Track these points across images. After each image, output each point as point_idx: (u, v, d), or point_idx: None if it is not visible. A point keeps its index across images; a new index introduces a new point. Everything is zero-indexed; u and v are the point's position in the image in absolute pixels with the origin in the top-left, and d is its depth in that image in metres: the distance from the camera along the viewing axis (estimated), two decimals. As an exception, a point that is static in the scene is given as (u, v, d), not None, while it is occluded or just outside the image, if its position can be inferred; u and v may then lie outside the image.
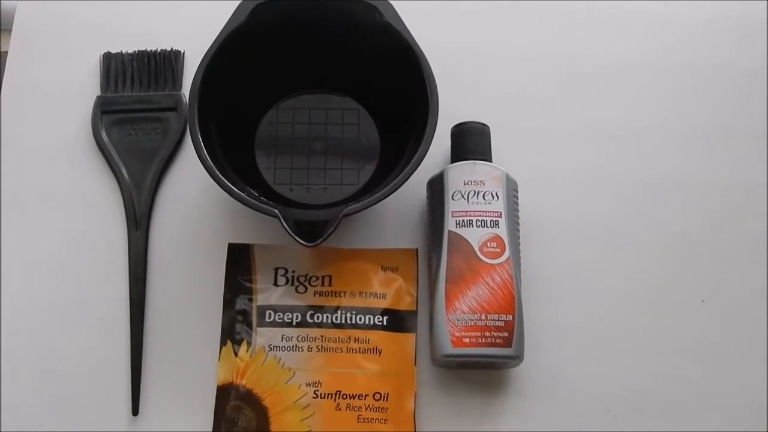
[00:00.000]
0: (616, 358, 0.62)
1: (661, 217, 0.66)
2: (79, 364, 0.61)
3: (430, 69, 0.59)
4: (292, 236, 0.56)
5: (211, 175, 0.56)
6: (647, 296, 0.64)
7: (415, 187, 0.64)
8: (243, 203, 0.57)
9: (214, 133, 0.60)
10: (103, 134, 0.66)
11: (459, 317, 0.59)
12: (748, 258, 0.65)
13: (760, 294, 0.65)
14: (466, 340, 0.59)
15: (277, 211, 0.57)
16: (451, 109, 0.62)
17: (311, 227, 0.58)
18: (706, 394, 0.62)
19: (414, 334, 0.62)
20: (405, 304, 0.63)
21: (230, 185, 0.57)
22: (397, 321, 0.62)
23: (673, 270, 0.65)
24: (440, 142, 0.64)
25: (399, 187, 0.57)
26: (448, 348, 0.59)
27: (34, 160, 0.66)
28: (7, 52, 0.69)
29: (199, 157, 0.57)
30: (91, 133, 0.67)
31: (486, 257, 0.60)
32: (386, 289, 0.63)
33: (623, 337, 0.63)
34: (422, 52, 0.60)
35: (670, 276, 0.65)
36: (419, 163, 0.57)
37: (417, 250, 0.64)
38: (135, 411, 0.60)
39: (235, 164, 0.62)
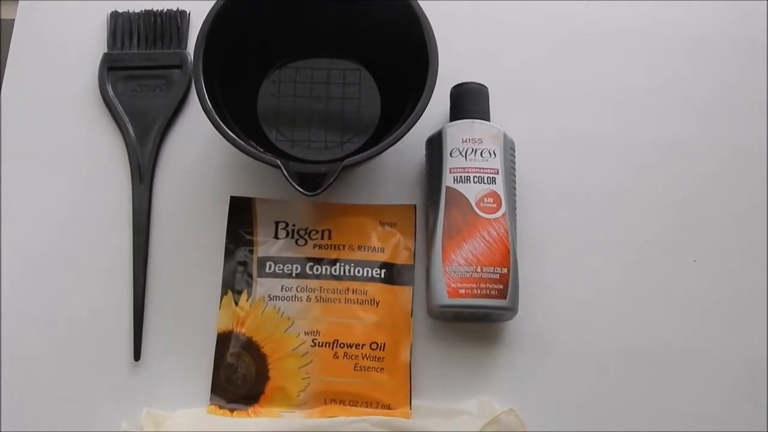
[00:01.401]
0: (609, 315, 0.64)
1: (654, 178, 0.68)
2: (83, 311, 0.63)
3: (430, 26, 0.61)
4: (293, 185, 0.57)
5: (213, 125, 0.58)
6: (640, 255, 0.65)
7: (414, 146, 0.66)
8: (245, 153, 0.58)
9: (217, 90, 0.62)
10: (109, 90, 0.68)
11: (455, 269, 0.60)
12: (739, 219, 0.67)
13: (750, 254, 0.66)
14: (462, 291, 0.60)
15: (278, 161, 0.58)
16: (451, 71, 0.63)
17: (312, 180, 0.59)
18: (696, 350, 0.63)
19: (411, 287, 0.63)
20: (402, 258, 0.64)
21: (232, 135, 0.58)
22: (395, 274, 0.63)
23: (666, 230, 0.66)
24: (440, 104, 0.66)
25: (399, 139, 0.58)
26: (444, 298, 0.60)
27: (42, 115, 0.68)
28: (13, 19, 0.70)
29: (203, 108, 0.58)
30: (98, 89, 0.68)
31: (482, 212, 0.62)
32: (384, 244, 0.64)
33: (616, 294, 0.64)
34: (422, 11, 0.61)
35: (663, 236, 0.66)
36: (420, 116, 0.58)
37: (415, 206, 0.65)
38: (137, 356, 0.61)
39: (237, 121, 0.63)
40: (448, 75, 0.63)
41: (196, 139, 0.67)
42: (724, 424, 0.62)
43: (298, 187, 0.58)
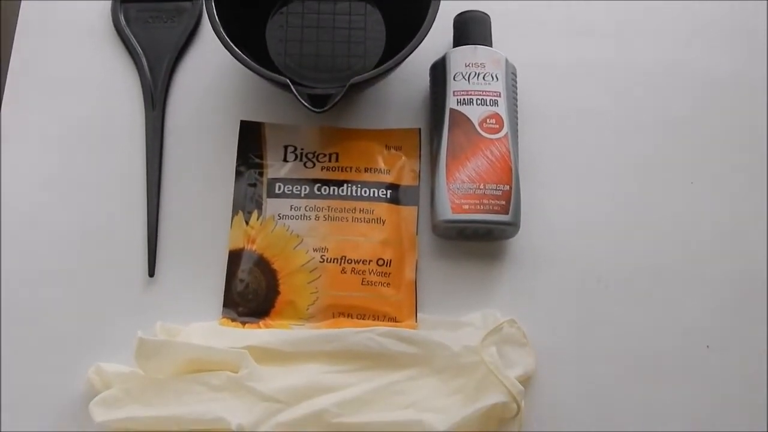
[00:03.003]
0: (608, 233, 0.65)
1: (653, 101, 0.69)
2: (99, 230, 0.65)
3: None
4: (301, 101, 0.59)
5: (224, 45, 0.60)
6: (639, 176, 0.67)
7: (418, 74, 0.68)
8: (254, 72, 0.61)
9: (227, 21, 0.63)
10: (122, 21, 0.69)
11: (459, 186, 0.62)
12: (737, 140, 0.68)
13: (746, 175, 0.67)
14: (466, 207, 0.62)
15: (287, 79, 0.60)
16: (454, 4, 0.67)
17: (320, 101, 0.61)
18: (692, 266, 0.65)
19: (416, 207, 0.65)
20: (408, 179, 0.66)
21: (242, 55, 0.60)
22: (400, 195, 0.65)
23: (665, 151, 0.68)
24: (444, 34, 0.67)
25: (406, 57, 0.60)
26: (448, 214, 0.62)
27: (57, 45, 0.70)
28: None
29: (214, 30, 0.61)
30: (111, 19, 0.69)
31: (485, 132, 0.64)
32: (390, 166, 0.66)
33: (615, 214, 0.66)
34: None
35: (662, 157, 0.68)
36: (427, 31, 0.60)
37: (420, 129, 0.67)
38: (151, 273, 0.63)
39: (247, 50, 0.64)
40: (451, 7, 0.66)
41: (206, 67, 0.69)
42: (720, 337, 0.63)
43: (306, 104, 0.59)
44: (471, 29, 0.68)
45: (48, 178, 0.66)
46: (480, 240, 0.64)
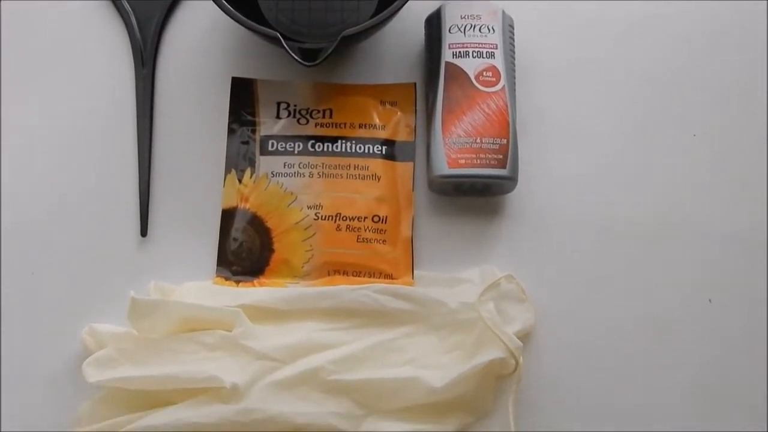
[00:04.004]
0: (608, 189, 0.64)
1: (654, 54, 0.68)
2: (91, 190, 0.64)
3: None
4: (291, 55, 0.58)
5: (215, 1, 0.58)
6: (639, 130, 0.66)
7: (413, 26, 0.66)
8: (245, 26, 0.59)
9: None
10: (110, -23, 0.68)
11: (455, 140, 0.61)
12: (739, 94, 0.67)
13: (750, 127, 0.66)
14: (462, 161, 0.61)
15: (278, 33, 0.59)
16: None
17: (311, 54, 0.59)
18: (694, 222, 0.64)
19: (412, 163, 0.64)
20: (403, 135, 0.65)
21: (232, 9, 0.59)
22: (396, 150, 0.64)
23: (666, 105, 0.67)
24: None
25: (398, 9, 0.59)
26: (444, 168, 0.61)
27: (44, 2, 0.68)
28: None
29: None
30: (98, -24, 0.68)
31: (482, 85, 0.62)
32: (385, 122, 0.65)
33: (615, 169, 0.65)
34: None
35: (663, 111, 0.66)
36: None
37: (415, 84, 0.66)
38: (143, 232, 0.62)
39: (237, 3, 0.63)
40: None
41: (197, 24, 0.68)
42: (722, 291, 0.62)
43: (297, 58, 0.58)
44: (466, -19, 0.66)
45: (37, 139, 0.65)
46: (477, 195, 0.63)
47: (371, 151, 0.63)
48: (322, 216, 0.62)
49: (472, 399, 0.57)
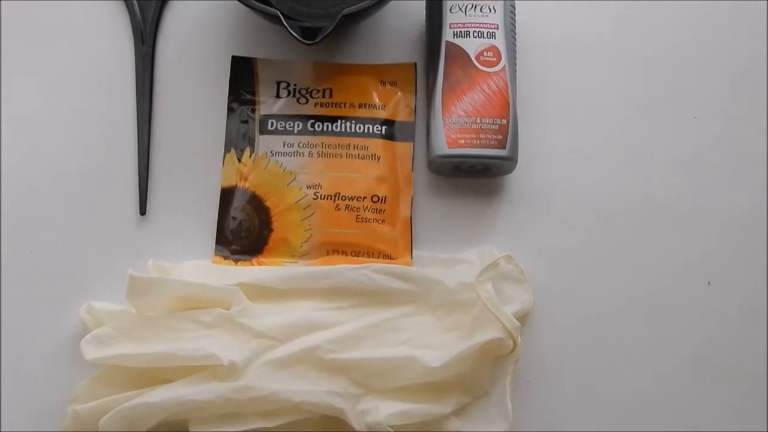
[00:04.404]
0: (608, 170, 0.64)
1: (655, 35, 0.68)
2: (90, 168, 0.64)
3: None
4: (291, 33, 0.58)
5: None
6: (640, 110, 0.66)
7: (413, 6, 0.66)
8: (244, 4, 0.59)
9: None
10: (110, -45, 0.67)
11: (455, 120, 0.61)
12: (742, 75, 0.67)
13: (751, 109, 0.66)
14: (461, 141, 0.60)
15: (278, 11, 0.58)
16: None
17: (312, 33, 0.59)
18: (694, 203, 0.64)
19: (412, 143, 0.64)
20: (403, 115, 0.64)
21: (232, -14, 0.58)
22: (396, 130, 0.64)
23: (668, 85, 0.66)
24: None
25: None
26: (444, 148, 0.61)
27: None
28: None
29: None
30: (98, -47, 0.68)
31: (482, 65, 0.62)
32: (385, 102, 0.64)
33: (615, 150, 0.65)
34: None
35: (665, 91, 0.66)
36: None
37: (416, 64, 0.65)
38: (143, 211, 0.62)
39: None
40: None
41: (197, 2, 0.68)
42: (721, 273, 0.62)
43: (297, 36, 0.58)
44: (468, -40, 0.65)
45: (36, 117, 0.64)
46: (477, 176, 0.63)
47: (371, 131, 0.63)
48: (321, 195, 0.61)
49: (469, 379, 0.57)
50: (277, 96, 0.64)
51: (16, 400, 0.58)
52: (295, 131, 0.63)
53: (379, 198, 0.62)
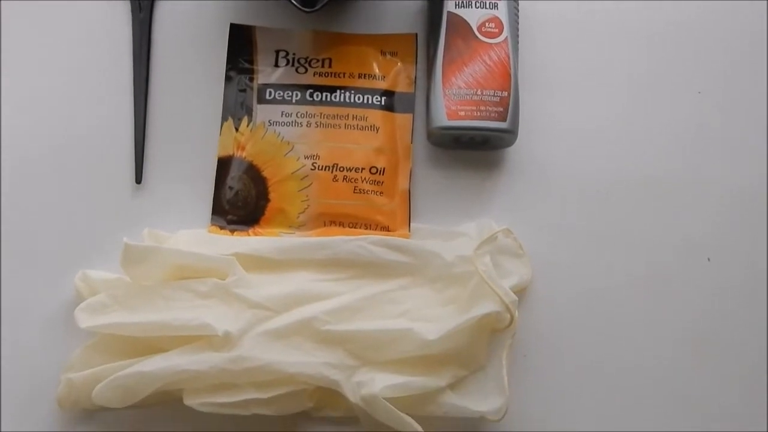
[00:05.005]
0: (610, 144, 0.63)
1: (660, 8, 0.67)
2: (86, 136, 0.63)
3: None
4: (291, 2, 0.58)
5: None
6: (644, 84, 0.65)
7: (415, -21, 0.65)
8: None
9: None
10: None
11: (455, 92, 0.60)
12: (748, 50, 0.66)
13: (753, 86, 0.65)
14: (462, 113, 0.60)
15: (277, -23, 0.57)
16: None
17: (311, 1, 0.58)
18: (696, 177, 0.63)
19: (411, 114, 0.63)
20: (403, 86, 0.64)
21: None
22: (395, 101, 0.63)
23: (672, 59, 0.65)
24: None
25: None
26: (444, 120, 0.60)
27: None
28: None
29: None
30: None
31: (484, 36, 0.61)
32: (385, 72, 0.64)
33: (618, 122, 0.64)
34: None
35: (669, 65, 0.65)
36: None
37: (417, 34, 0.65)
38: (138, 179, 0.61)
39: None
40: None
41: (196, -31, 0.66)
42: (721, 250, 0.62)
43: (296, 4, 0.57)
44: (471, -71, 0.64)
45: (32, 85, 0.64)
46: (476, 148, 0.62)
47: (370, 102, 0.62)
48: (318, 166, 0.61)
49: (465, 352, 0.56)
50: (276, 65, 0.64)
51: (10, 368, 0.58)
52: (294, 101, 0.62)
53: (377, 169, 0.61)
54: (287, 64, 0.64)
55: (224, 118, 0.63)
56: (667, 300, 0.60)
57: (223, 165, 0.62)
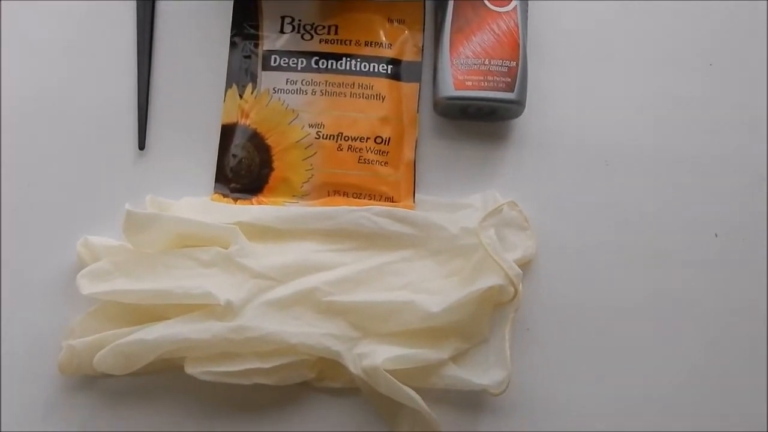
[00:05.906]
0: (619, 115, 0.63)
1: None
2: (89, 101, 0.62)
3: None
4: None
5: None
6: (654, 56, 0.64)
7: (425, -55, 0.63)
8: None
9: None
10: None
11: (462, 61, 0.59)
12: (758, 23, 0.65)
13: (765, 59, 0.64)
14: (469, 83, 0.59)
15: (283, -58, 0.56)
16: None
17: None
18: (705, 152, 0.63)
19: (418, 83, 0.62)
20: (410, 54, 0.63)
21: None
22: (402, 70, 0.62)
23: (683, 31, 0.64)
24: None
25: None
26: (451, 90, 0.59)
27: None
28: None
29: None
30: None
31: (493, 4, 0.60)
32: (392, 40, 0.63)
33: (627, 95, 0.63)
34: None
35: (680, 37, 0.64)
36: None
37: (425, 1, 0.64)
38: (141, 146, 0.61)
39: None
40: None
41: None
42: (729, 225, 0.61)
43: (302, -31, 0.56)
44: None
45: (36, 50, 0.63)
46: (483, 119, 0.62)
47: (376, 70, 0.62)
48: (323, 135, 0.60)
49: (468, 325, 0.56)
50: (281, 31, 0.63)
51: (12, 334, 0.58)
52: (299, 68, 0.62)
53: (382, 139, 0.60)
54: (293, 31, 0.63)
55: (228, 85, 0.62)
56: (672, 275, 0.60)
57: (227, 132, 0.61)
